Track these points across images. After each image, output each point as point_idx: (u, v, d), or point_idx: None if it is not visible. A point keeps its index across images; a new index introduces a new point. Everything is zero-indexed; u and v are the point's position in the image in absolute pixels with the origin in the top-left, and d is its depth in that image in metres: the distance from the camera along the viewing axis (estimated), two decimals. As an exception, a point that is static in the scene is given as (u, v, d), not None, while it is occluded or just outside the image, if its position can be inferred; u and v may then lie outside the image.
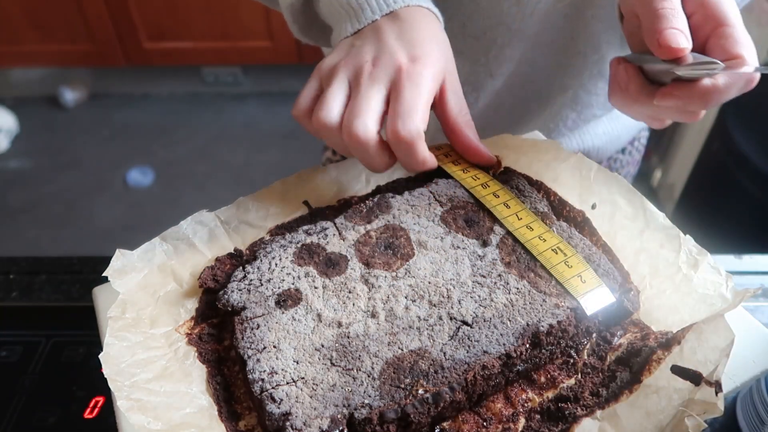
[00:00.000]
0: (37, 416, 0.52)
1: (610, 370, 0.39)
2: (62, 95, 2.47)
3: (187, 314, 0.42)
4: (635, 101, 0.43)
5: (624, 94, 0.44)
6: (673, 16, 0.39)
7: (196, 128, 2.42)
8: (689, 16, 0.40)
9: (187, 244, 0.45)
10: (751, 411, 0.49)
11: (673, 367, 0.36)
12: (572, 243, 0.43)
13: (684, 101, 0.40)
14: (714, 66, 0.38)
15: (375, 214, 0.46)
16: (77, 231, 2.02)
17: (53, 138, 2.39)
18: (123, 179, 2.21)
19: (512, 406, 0.37)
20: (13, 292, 0.62)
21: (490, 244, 0.43)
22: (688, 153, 1.81)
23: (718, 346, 0.35)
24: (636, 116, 0.47)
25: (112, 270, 0.42)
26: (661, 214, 0.45)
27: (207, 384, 0.38)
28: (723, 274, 0.41)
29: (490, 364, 0.36)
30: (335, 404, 0.34)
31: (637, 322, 0.41)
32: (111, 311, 0.40)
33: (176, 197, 2.14)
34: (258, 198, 0.49)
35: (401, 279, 0.41)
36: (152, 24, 2.23)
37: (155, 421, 0.34)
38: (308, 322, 0.39)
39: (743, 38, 0.39)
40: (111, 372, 0.36)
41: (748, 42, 0.39)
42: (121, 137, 2.40)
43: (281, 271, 0.42)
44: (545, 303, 0.39)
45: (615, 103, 0.46)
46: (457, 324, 0.38)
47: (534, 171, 0.51)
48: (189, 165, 2.27)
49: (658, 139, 2.05)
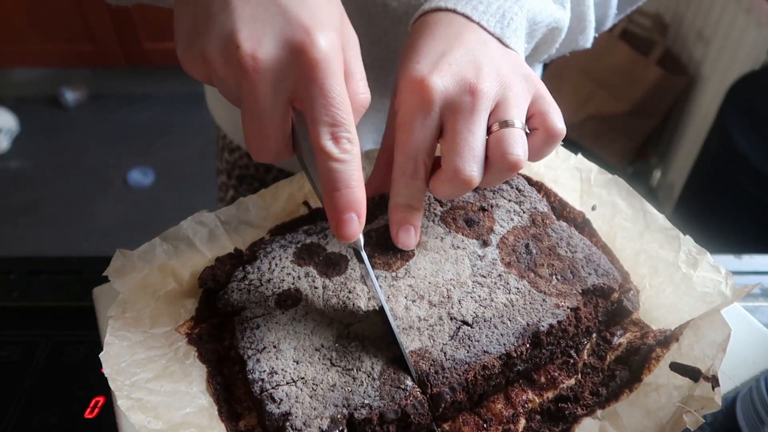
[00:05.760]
0: (38, 416, 0.52)
1: (609, 369, 0.39)
2: (62, 95, 2.47)
3: (187, 314, 0.42)
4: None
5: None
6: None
7: (196, 128, 2.42)
8: (532, 129, 0.39)
9: (188, 244, 0.45)
10: (750, 411, 0.49)
11: (671, 364, 0.36)
12: (572, 243, 0.43)
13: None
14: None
15: (375, 214, 0.46)
16: (77, 231, 2.02)
17: (53, 138, 2.39)
18: (123, 179, 2.21)
19: (512, 406, 0.37)
20: (13, 292, 0.62)
21: (490, 244, 0.43)
22: (687, 153, 1.81)
23: (715, 341, 0.36)
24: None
25: (112, 270, 0.42)
26: (660, 215, 0.45)
27: (207, 384, 0.38)
28: (722, 272, 0.41)
29: (491, 364, 0.36)
30: (335, 404, 0.34)
31: (636, 322, 0.41)
32: (111, 311, 0.40)
33: (176, 197, 2.14)
34: (258, 198, 0.49)
35: (401, 279, 0.41)
36: (152, 24, 2.23)
37: (155, 420, 0.34)
38: (308, 322, 0.39)
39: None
40: (111, 371, 0.36)
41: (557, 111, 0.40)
42: (121, 137, 2.40)
43: (281, 271, 0.42)
44: (545, 303, 0.39)
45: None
46: (457, 324, 0.38)
47: (534, 171, 0.51)
48: (189, 165, 2.26)
49: (657, 139, 2.05)
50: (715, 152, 1.50)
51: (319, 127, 0.33)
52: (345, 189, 0.33)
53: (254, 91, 0.32)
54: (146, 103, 2.55)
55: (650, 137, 2.04)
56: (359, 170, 0.34)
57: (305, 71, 0.32)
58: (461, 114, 0.37)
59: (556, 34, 0.47)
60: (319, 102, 0.32)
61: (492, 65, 0.38)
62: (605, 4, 0.54)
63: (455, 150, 0.36)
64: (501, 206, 0.46)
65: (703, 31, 1.79)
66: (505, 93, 0.38)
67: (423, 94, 0.37)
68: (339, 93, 0.33)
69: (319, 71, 0.32)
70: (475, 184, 0.37)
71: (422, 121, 0.37)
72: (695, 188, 1.67)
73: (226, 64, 0.32)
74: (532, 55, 0.49)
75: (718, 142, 1.46)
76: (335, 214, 0.34)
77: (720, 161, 1.47)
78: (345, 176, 0.33)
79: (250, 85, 0.32)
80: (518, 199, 0.47)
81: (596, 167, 0.50)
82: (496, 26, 0.41)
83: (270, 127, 0.34)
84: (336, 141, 0.33)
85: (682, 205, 1.74)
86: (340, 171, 0.33)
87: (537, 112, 0.39)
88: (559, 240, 0.43)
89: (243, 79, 0.32)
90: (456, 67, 0.38)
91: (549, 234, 0.44)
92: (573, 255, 0.42)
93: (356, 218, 0.34)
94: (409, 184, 0.39)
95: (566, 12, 0.46)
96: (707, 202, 1.58)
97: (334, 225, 0.34)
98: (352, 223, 0.34)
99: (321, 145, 0.33)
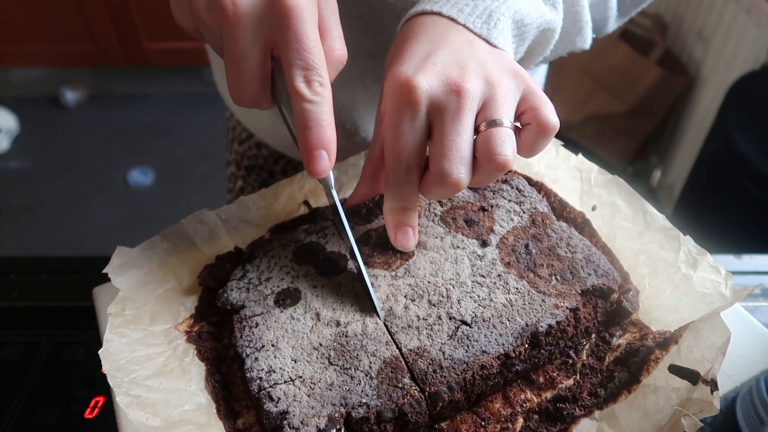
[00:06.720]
0: (38, 416, 0.52)
1: (608, 370, 0.39)
2: (63, 95, 2.47)
3: (187, 312, 0.42)
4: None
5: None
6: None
7: (196, 128, 2.42)
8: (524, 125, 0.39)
9: (188, 242, 0.45)
10: (750, 411, 0.49)
11: (670, 367, 0.36)
12: (572, 243, 0.43)
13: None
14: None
15: (375, 213, 0.46)
16: (77, 231, 2.02)
17: (54, 138, 2.39)
18: (123, 179, 2.21)
19: (511, 406, 0.37)
20: (13, 292, 0.62)
21: (490, 244, 0.43)
22: (687, 153, 1.81)
23: (715, 344, 0.35)
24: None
25: (112, 267, 0.42)
26: (661, 216, 0.45)
27: (206, 381, 0.38)
28: (722, 273, 0.41)
29: (489, 364, 0.36)
30: (333, 403, 0.34)
31: (636, 322, 0.41)
32: (111, 308, 0.40)
33: (176, 197, 2.14)
34: (259, 197, 0.49)
35: (401, 278, 0.41)
36: (152, 24, 2.23)
37: (154, 417, 0.34)
38: (307, 321, 0.39)
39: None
40: (110, 368, 0.36)
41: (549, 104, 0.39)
42: (121, 137, 2.40)
43: (280, 270, 0.42)
44: (544, 303, 0.39)
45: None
46: (456, 324, 0.38)
47: (534, 171, 0.51)
48: (189, 165, 2.26)
49: (657, 139, 2.05)
50: (715, 152, 1.50)
51: (293, 71, 0.35)
52: (316, 128, 0.36)
53: (234, 35, 0.35)
54: (146, 103, 2.55)
55: (650, 137, 2.04)
56: (330, 112, 0.36)
57: (280, 17, 0.34)
58: (447, 114, 0.37)
59: (549, 36, 0.47)
60: (293, 47, 0.35)
61: (478, 64, 0.38)
62: (603, 6, 0.54)
63: (442, 152, 0.36)
64: (501, 206, 0.46)
65: (703, 31, 1.79)
66: (492, 91, 0.37)
67: (408, 95, 0.37)
68: (311, 39, 0.35)
69: (293, 17, 0.34)
70: (464, 185, 0.37)
71: (410, 122, 0.37)
72: (695, 188, 1.67)
73: (210, 11, 0.35)
74: (527, 57, 0.49)
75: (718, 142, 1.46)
76: (307, 151, 0.36)
77: (720, 161, 1.46)
78: (317, 116, 0.36)
79: (230, 29, 0.35)
80: (518, 199, 0.47)
81: (596, 167, 0.50)
82: (482, 27, 0.41)
83: (248, 70, 0.36)
84: (308, 83, 0.35)
85: (682, 205, 1.74)
86: (312, 111, 0.36)
87: (528, 108, 0.38)
88: (559, 240, 0.43)
89: (224, 23, 0.35)
90: (441, 67, 0.38)
91: (549, 234, 0.44)
92: (573, 255, 0.42)
93: (326, 155, 0.36)
94: (401, 187, 0.39)
95: (558, 13, 0.46)
96: (707, 202, 1.58)
97: (306, 161, 0.37)
98: (322, 159, 0.36)
99: (295, 87, 0.35)
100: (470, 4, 0.41)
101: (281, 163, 0.78)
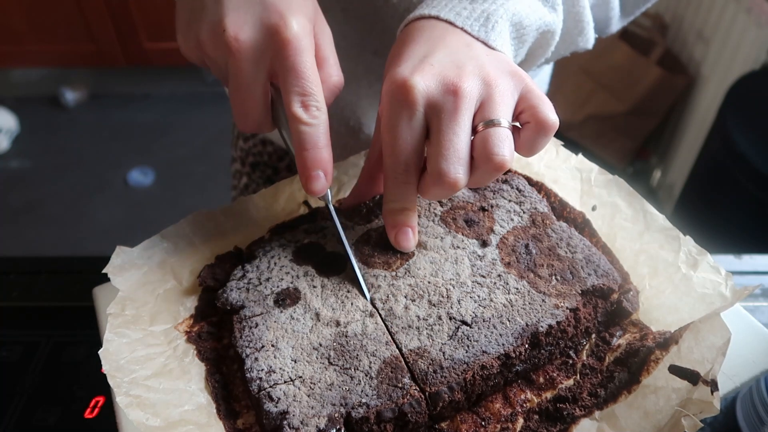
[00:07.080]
0: (38, 416, 0.52)
1: (608, 370, 0.38)
2: (63, 95, 2.47)
3: (187, 312, 0.42)
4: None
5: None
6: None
7: (196, 128, 2.42)
8: (522, 124, 0.39)
9: (188, 242, 0.45)
10: (750, 411, 0.49)
11: (670, 367, 0.36)
12: (572, 243, 0.43)
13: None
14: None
15: (375, 213, 0.46)
16: (77, 231, 2.02)
17: (53, 138, 2.39)
18: (123, 179, 2.21)
19: (511, 406, 0.37)
20: (13, 292, 0.62)
21: (490, 244, 0.43)
22: (687, 153, 1.81)
23: (715, 345, 0.35)
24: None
25: (112, 267, 0.42)
26: (660, 215, 0.45)
27: (206, 382, 0.38)
28: (722, 273, 0.41)
29: (489, 364, 0.36)
30: (332, 403, 0.34)
31: (636, 323, 0.41)
32: (111, 308, 0.40)
33: (176, 197, 2.14)
34: (259, 198, 0.49)
35: (401, 278, 0.41)
36: (152, 24, 2.23)
37: (154, 417, 0.34)
38: (306, 321, 0.39)
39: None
40: (110, 368, 0.36)
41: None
42: (121, 137, 2.40)
43: (280, 270, 0.42)
44: (544, 303, 0.39)
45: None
46: (456, 324, 0.38)
47: (534, 171, 0.51)
48: (189, 165, 2.26)
49: (657, 139, 2.05)
50: (715, 152, 1.50)
51: (291, 97, 0.38)
52: (313, 149, 0.38)
53: (238, 67, 0.38)
54: (146, 103, 2.55)
55: (650, 137, 2.04)
56: (326, 134, 0.39)
57: (279, 49, 0.37)
58: (444, 115, 0.37)
59: (549, 38, 0.47)
60: (291, 75, 0.37)
61: (475, 64, 0.38)
62: (605, 7, 0.54)
63: (439, 152, 0.36)
64: (501, 206, 0.46)
65: (703, 31, 1.79)
66: (489, 91, 0.38)
67: (405, 95, 0.37)
68: (308, 67, 0.38)
69: (290, 49, 0.37)
70: (462, 185, 0.37)
71: (407, 122, 0.37)
72: (695, 188, 1.67)
73: (215, 46, 0.38)
74: (528, 60, 0.49)
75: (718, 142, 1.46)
76: (305, 171, 0.39)
77: (720, 161, 1.46)
78: (313, 138, 0.38)
79: (234, 62, 0.38)
80: (518, 199, 0.47)
81: (596, 167, 0.50)
82: (480, 30, 0.41)
83: (251, 99, 0.39)
84: (305, 108, 0.38)
85: (682, 205, 1.74)
86: (308, 133, 0.38)
87: (527, 106, 0.38)
88: (559, 240, 0.43)
89: (229, 57, 0.38)
90: (438, 67, 0.38)
91: (549, 234, 0.44)
92: (573, 255, 0.42)
93: (323, 175, 0.39)
94: (399, 187, 0.39)
95: (558, 15, 0.46)
96: (707, 202, 1.58)
97: (304, 181, 0.39)
98: (319, 179, 0.39)
99: (293, 112, 0.38)
100: (468, 8, 0.41)
101: (286, 159, 0.78)
